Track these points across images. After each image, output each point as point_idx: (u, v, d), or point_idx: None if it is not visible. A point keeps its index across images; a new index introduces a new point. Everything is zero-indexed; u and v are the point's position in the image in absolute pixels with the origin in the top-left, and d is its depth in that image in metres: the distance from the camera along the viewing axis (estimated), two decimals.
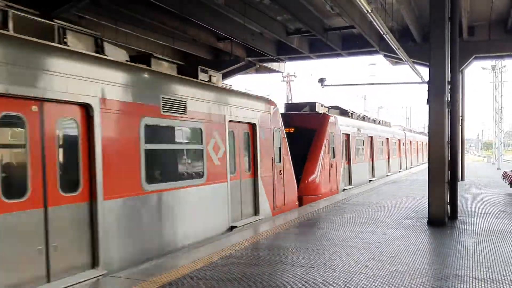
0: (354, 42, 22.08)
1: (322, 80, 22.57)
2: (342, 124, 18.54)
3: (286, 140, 12.94)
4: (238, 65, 23.76)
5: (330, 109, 19.38)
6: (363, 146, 21.40)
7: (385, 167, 25.60)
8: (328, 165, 16.52)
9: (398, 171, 28.49)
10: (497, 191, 16.53)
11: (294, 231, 9.11)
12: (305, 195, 15.00)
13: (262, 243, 8.04)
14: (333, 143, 17.11)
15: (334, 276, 6.03)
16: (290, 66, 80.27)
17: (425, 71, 20.05)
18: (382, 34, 13.08)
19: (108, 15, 15.60)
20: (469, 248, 7.61)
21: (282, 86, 51.71)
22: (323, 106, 18.67)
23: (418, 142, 39.84)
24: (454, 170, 10.61)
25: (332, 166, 16.89)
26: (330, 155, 16.72)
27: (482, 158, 72.32)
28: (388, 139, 26.42)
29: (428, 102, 10.25)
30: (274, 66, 26.82)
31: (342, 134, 18.31)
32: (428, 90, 10.28)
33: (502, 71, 42.09)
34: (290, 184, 12.94)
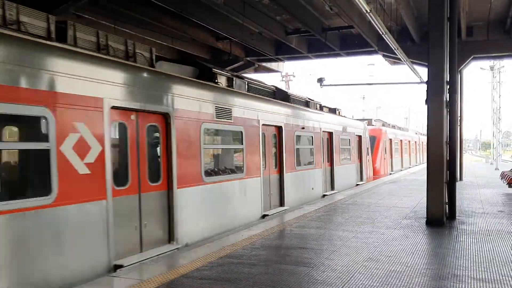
0: (353, 42, 22.08)
1: (321, 80, 22.58)
2: (388, 133, 29.41)
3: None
4: (236, 64, 23.74)
5: (375, 120, 31.63)
6: (398, 146, 32.83)
7: (407, 161, 36.73)
8: (382, 159, 27.34)
9: (408, 166, 36.74)
10: (495, 191, 16.56)
11: (292, 231, 9.11)
12: (374, 175, 24.85)
13: (261, 243, 8.04)
14: (384, 145, 27.86)
15: (333, 276, 6.03)
16: (289, 66, 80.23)
17: (423, 71, 20.07)
18: (381, 34, 13.09)
19: (106, 15, 15.57)
20: (467, 248, 7.62)
21: (281, 86, 51.68)
22: (376, 120, 31.95)
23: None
24: (453, 170, 10.62)
25: (384, 159, 27.94)
26: (383, 152, 27.52)
27: (481, 158, 72.38)
28: (409, 141, 37.97)
29: (426, 102, 10.26)
30: (273, 65, 26.81)
31: (389, 139, 29.46)
32: (426, 90, 10.28)
33: (500, 72, 42.15)
34: (369, 168, 23.32)
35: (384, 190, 16.98)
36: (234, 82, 11.27)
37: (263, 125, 11.78)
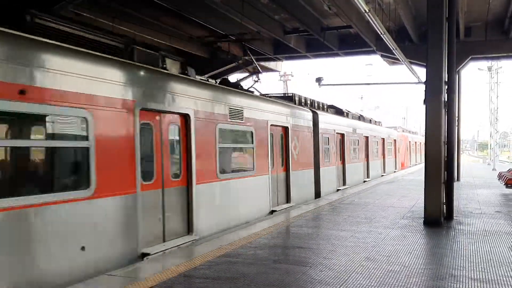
0: (351, 42, 22.08)
1: (319, 79, 22.55)
2: (408, 137, 38.15)
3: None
4: (235, 63, 23.71)
5: (398, 127, 41.46)
6: (414, 147, 40.81)
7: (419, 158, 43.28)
8: (406, 155, 36.82)
9: (415, 163, 41.65)
10: (492, 192, 16.59)
11: (290, 230, 9.11)
12: (402, 167, 33.30)
13: (259, 242, 8.04)
14: (408, 146, 37.54)
15: (331, 275, 6.03)
16: (287, 65, 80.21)
17: (422, 71, 20.07)
18: (380, 34, 13.08)
19: (105, 12, 15.54)
20: (464, 248, 7.63)
21: (280, 85, 51.66)
22: (398, 128, 41.27)
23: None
24: (450, 171, 10.63)
25: (406, 156, 36.68)
26: (407, 151, 37.16)
27: (478, 158, 72.51)
28: (420, 143, 43.38)
29: (424, 102, 10.26)
30: (271, 65, 26.79)
31: (409, 142, 38.03)
32: (425, 90, 10.29)
33: (498, 72, 42.21)
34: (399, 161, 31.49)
35: (382, 190, 17.00)
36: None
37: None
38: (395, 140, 30.87)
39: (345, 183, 19.21)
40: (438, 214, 9.98)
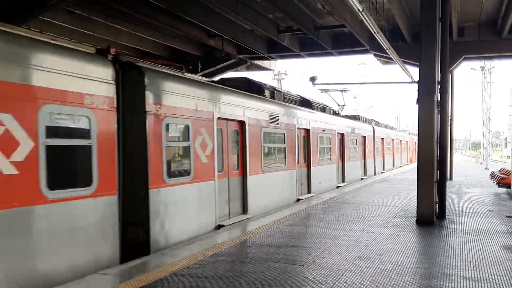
0: (345, 41, 22.14)
1: (313, 78, 22.60)
2: (414, 138, 43.53)
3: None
4: (228, 62, 23.72)
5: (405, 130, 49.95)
6: (411, 146, 44.12)
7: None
8: (412, 152, 43.16)
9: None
10: (485, 191, 16.69)
11: (283, 229, 9.11)
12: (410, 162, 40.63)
13: (252, 241, 8.04)
14: (414, 146, 41.82)
15: (324, 274, 6.04)
16: (281, 64, 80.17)
17: (415, 71, 20.16)
18: (373, 33, 13.12)
19: (98, 10, 15.47)
20: (457, 247, 7.67)
21: (273, 84, 51.62)
22: (406, 130, 50.77)
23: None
24: (443, 170, 10.68)
25: (412, 154, 43.35)
26: (412, 149, 43.46)
27: (470, 158, 72.93)
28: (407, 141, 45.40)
29: (418, 102, 10.30)
30: (265, 64, 26.82)
31: (415, 142, 42.05)
32: (418, 90, 10.32)
33: (491, 72, 42.44)
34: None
35: (374, 189, 17.05)
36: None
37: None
38: (407, 141, 41.62)
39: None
40: (431, 213, 10.02)
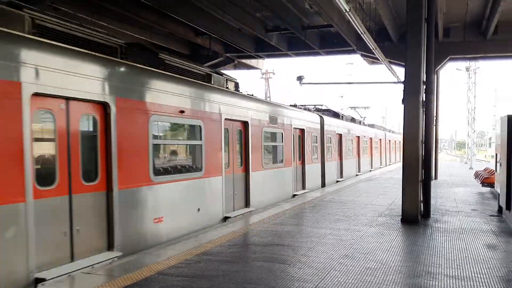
0: (332, 41, 22.20)
1: (300, 78, 22.63)
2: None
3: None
4: (216, 60, 23.63)
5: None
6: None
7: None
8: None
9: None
10: (469, 190, 16.88)
11: (269, 228, 9.12)
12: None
13: (238, 240, 8.03)
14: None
15: (309, 272, 6.06)
16: (268, 63, 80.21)
17: (401, 71, 20.29)
18: (360, 33, 13.17)
19: (84, 8, 15.32)
20: (441, 246, 7.75)
21: (261, 83, 51.70)
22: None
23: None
24: (428, 169, 10.76)
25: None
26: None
27: (455, 157, 73.67)
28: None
29: (403, 102, 10.37)
30: (252, 62, 26.79)
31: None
32: (403, 90, 10.39)
33: (476, 73, 42.90)
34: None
35: (360, 188, 17.14)
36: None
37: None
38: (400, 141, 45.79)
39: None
40: (416, 212, 10.11)
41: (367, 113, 43.91)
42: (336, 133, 21.33)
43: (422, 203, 10.52)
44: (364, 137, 28.23)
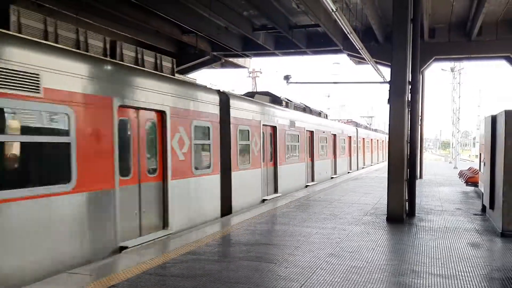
0: (319, 41, 22.25)
1: (287, 77, 22.66)
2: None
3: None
4: (203, 59, 23.53)
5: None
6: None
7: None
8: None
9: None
10: (453, 189, 17.06)
11: (256, 227, 9.12)
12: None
13: (226, 240, 8.02)
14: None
15: (296, 271, 6.07)
16: (256, 62, 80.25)
17: (387, 71, 20.43)
18: (347, 33, 13.21)
19: (68, 4, 15.14)
20: (426, 244, 7.82)
21: (248, 82, 51.67)
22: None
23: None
24: (413, 168, 10.85)
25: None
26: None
27: (440, 157, 74.43)
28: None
29: (389, 101, 10.43)
30: (239, 61, 26.72)
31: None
32: (389, 90, 10.45)
33: (460, 73, 43.34)
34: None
35: (347, 187, 17.23)
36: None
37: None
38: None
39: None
40: (401, 211, 10.18)
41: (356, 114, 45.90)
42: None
43: (407, 202, 10.60)
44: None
